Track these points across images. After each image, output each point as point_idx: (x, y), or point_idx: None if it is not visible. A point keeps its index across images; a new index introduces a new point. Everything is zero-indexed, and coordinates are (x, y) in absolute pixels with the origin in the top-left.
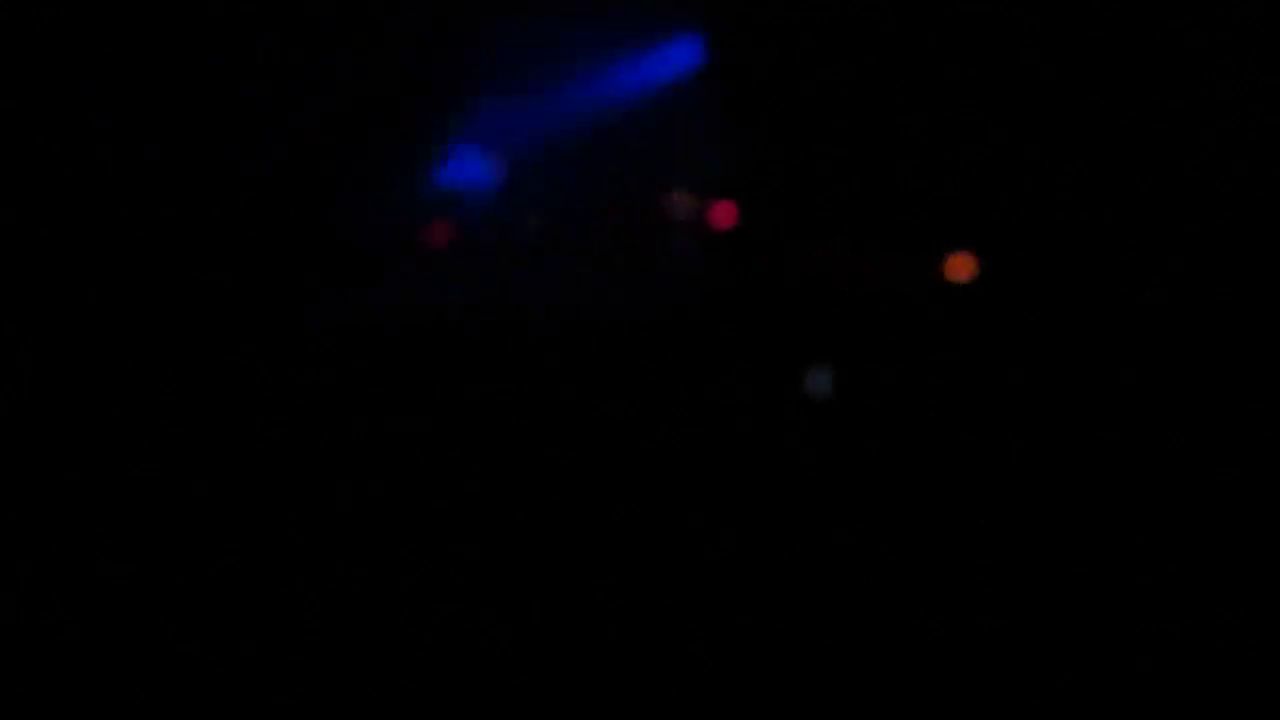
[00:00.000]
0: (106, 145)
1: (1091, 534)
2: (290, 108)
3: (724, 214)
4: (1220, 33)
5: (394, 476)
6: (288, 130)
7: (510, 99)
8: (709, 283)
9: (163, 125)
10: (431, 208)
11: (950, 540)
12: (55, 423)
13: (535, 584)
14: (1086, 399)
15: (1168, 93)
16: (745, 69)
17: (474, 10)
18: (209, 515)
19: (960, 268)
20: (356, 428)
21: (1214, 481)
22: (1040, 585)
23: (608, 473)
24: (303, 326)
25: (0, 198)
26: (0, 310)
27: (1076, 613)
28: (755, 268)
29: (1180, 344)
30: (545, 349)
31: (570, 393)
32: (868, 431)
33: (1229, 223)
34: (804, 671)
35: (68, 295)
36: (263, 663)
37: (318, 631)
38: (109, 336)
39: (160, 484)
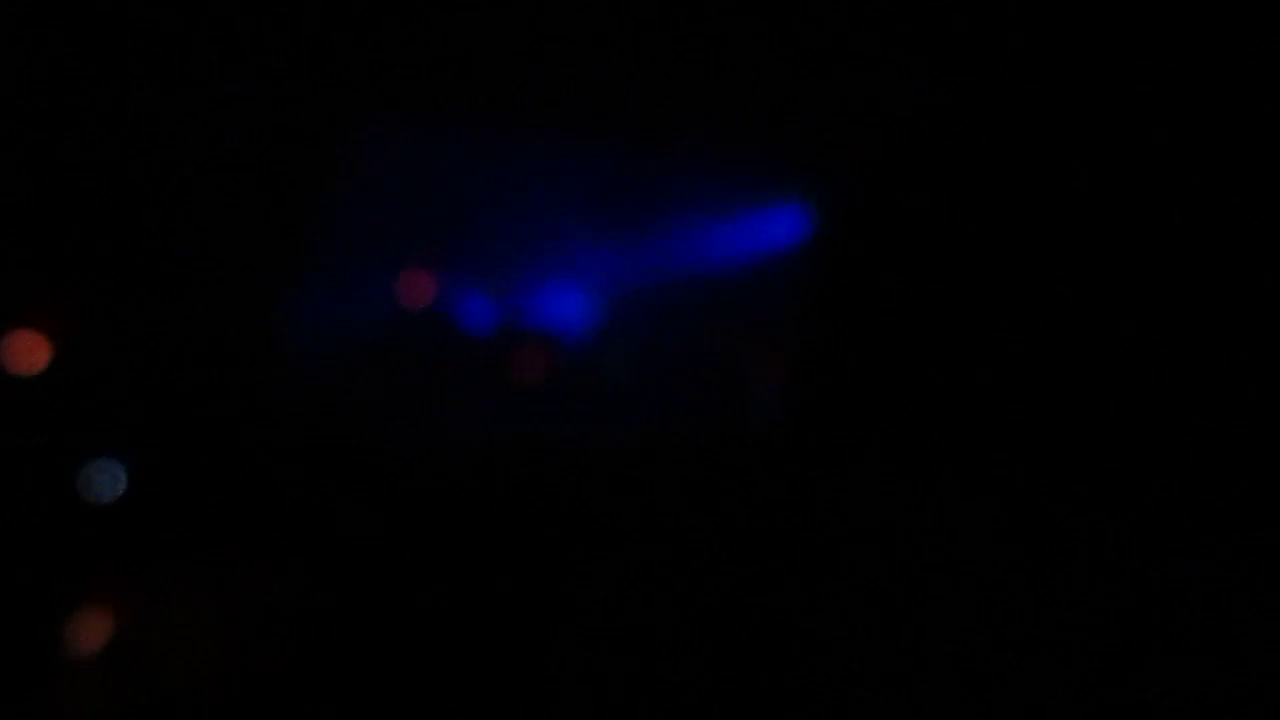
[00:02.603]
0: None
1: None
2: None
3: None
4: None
5: None
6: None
7: (610, 240)
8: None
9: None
10: (525, 339)
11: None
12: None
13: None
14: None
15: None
16: (844, 249)
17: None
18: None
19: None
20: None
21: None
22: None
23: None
24: (379, 442)
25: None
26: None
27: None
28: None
29: (1178, 344)
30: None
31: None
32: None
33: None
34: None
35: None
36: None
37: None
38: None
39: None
